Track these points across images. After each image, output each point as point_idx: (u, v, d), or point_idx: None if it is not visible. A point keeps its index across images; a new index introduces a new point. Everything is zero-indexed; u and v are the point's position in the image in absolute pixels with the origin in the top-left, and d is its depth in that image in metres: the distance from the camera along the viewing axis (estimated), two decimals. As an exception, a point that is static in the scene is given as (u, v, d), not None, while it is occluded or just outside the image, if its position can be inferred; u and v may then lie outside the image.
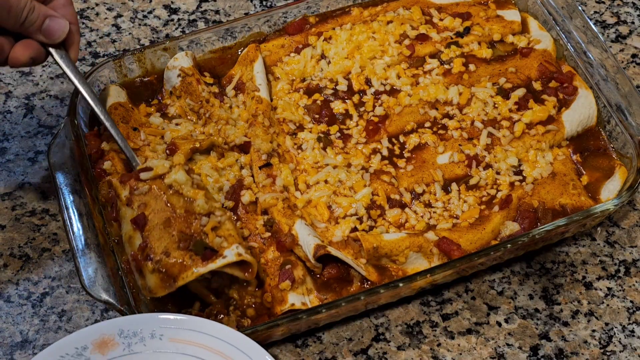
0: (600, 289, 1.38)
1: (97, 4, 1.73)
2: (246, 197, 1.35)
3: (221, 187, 1.36)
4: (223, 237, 1.23)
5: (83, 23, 1.70)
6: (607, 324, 1.34)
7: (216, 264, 1.21)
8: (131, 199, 1.28)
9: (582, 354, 1.31)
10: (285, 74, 1.53)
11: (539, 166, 1.41)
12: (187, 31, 1.69)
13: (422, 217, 1.36)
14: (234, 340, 1.19)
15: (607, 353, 1.31)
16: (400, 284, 1.25)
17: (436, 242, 1.31)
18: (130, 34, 1.69)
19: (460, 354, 1.30)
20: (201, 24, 1.71)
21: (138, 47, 1.66)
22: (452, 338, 1.32)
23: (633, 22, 1.72)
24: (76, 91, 1.43)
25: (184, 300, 1.27)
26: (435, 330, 1.33)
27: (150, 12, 1.72)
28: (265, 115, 1.44)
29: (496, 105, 1.47)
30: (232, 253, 1.22)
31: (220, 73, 1.54)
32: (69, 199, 1.32)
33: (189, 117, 1.46)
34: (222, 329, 1.20)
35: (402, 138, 1.45)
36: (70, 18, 1.29)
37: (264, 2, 1.75)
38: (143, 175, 1.29)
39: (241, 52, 1.55)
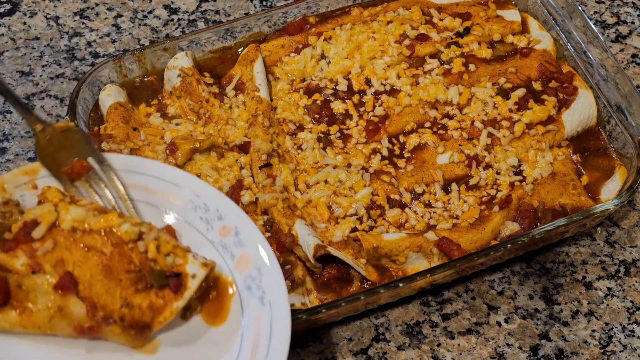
0: (600, 289, 1.38)
1: (97, 4, 1.73)
2: (246, 197, 1.35)
3: (221, 187, 1.36)
4: (171, 254, 1.09)
5: (83, 23, 1.70)
6: (607, 324, 1.34)
7: (191, 288, 1.07)
8: (38, 262, 1.04)
9: (582, 354, 1.31)
10: (285, 74, 1.53)
11: (539, 166, 1.41)
12: (187, 31, 1.69)
13: (422, 217, 1.36)
14: (168, 176, 1.16)
15: (607, 353, 1.31)
16: (400, 284, 1.25)
17: (436, 242, 1.31)
18: (130, 34, 1.69)
19: (460, 354, 1.30)
20: (201, 24, 1.71)
21: (138, 47, 1.66)
22: (452, 338, 1.32)
23: (633, 22, 1.72)
24: (76, 91, 1.43)
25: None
26: (435, 330, 1.33)
27: (150, 12, 1.72)
28: (265, 115, 1.43)
29: (496, 105, 1.47)
30: (196, 267, 1.08)
31: (220, 73, 1.54)
32: (68, 199, 1.32)
33: (189, 117, 1.46)
34: (155, 166, 1.17)
35: (402, 138, 1.45)
36: None
37: (264, 2, 1.75)
38: (36, 233, 1.06)
39: (241, 52, 1.55)
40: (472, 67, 1.52)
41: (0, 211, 1.11)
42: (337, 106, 1.48)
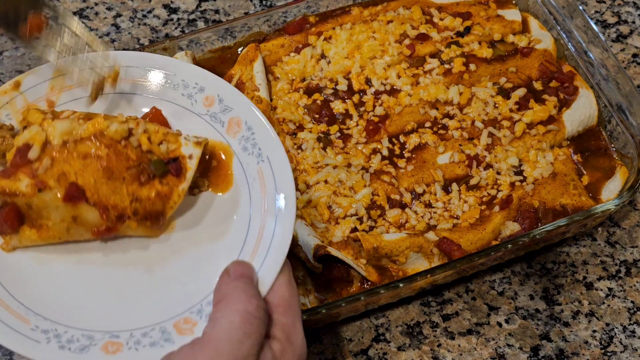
0: (601, 289, 1.37)
1: (96, 4, 1.73)
2: (246, 197, 1.35)
3: (221, 187, 1.36)
4: (164, 142, 1.11)
5: (82, 22, 1.70)
6: (607, 325, 1.34)
7: (192, 168, 1.10)
8: (41, 180, 1.06)
9: (583, 354, 1.31)
10: (285, 74, 1.52)
11: (540, 166, 1.41)
12: (186, 31, 1.69)
13: (422, 217, 1.36)
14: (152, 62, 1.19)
15: (608, 354, 1.31)
16: (401, 285, 1.25)
17: (436, 243, 1.31)
18: (129, 33, 1.69)
19: (461, 354, 1.30)
20: (201, 24, 1.70)
21: (137, 46, 1.66)
22: (453, 338, 1.32)
23: (634, 22, 1.72)
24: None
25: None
26: (436, 331, 1.32)
27: (149, 12, 1.72)
28: (265, 115, 1.43)
29: (497, 105, 1.47)
30: (190, 147, 1.10)
31: (219, 73, 1.53)
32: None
33: (188, 117, 1.46)
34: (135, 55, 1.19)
35: (402, 138, 1.45)
36: None
37: (264, 2, 1.75)
38: (32, 154, 1.07)
39: (241, 51, 1.55)
40: (472, 66, 1.52)
41: None
42: (337, 106, 1.48)
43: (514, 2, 1.63)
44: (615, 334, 1.33)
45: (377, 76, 1.51)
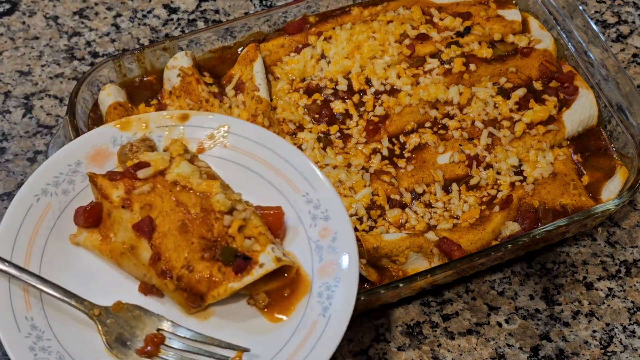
0: (601, 289, 1.37)
1: (96, 4, 1.73)
2: (246, 197, 1.35)
3: (221, 187, 1.36)
4: (253, 238, 1.08)
5: (82, 22, 1.70)
6: (607, 325, 1.34)
7: (253, 276, 1.06)
8: (130, 199, 1.09)
9: (583, 354, 1.31)
10: (285, 74, 1.52)
11: (540, 166, 1.41)
12: (186, 31, 1.69)
13: (422, 217, 1.36)
14: (267, 142, 1.19)
15: (608, 354, 1.31)
16: (401, 285, 1.25)
17: (436, 243, 1.31)
18: (129, 33, 1.69)
19: (461, 354, 1.30)
20: (201, 24, 1.70)
21: (137, 46, 1.66)
22: (453, 338, 1.32)
23: (634, 22, 1.72)
24: (75, 91, 1.43)
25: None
26: (436, 331, 1.32)
27: (149, 12, 1.72)
28: (265, 115, 1.43)
29: (497, 105, 1.47)
30: (269, 258, 1.07)
31: (220, 73, 1.54)
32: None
33: (188, 117, 1.46)
34: (255, 130, 1.19)
35: (402, 138, 1.45)
36: None
37: (264, 2, 1.75)
38: (142, 173, 1.11)
39: (241, 51, 1.55)
40: (472, 66, 1.52)
41: (132, 144, 1.17)
42: (337, 106, 1.48)
43: (514, 2, 1.63)
44: (615, 334, 1.33)
45: (377, 76, 1.51)
